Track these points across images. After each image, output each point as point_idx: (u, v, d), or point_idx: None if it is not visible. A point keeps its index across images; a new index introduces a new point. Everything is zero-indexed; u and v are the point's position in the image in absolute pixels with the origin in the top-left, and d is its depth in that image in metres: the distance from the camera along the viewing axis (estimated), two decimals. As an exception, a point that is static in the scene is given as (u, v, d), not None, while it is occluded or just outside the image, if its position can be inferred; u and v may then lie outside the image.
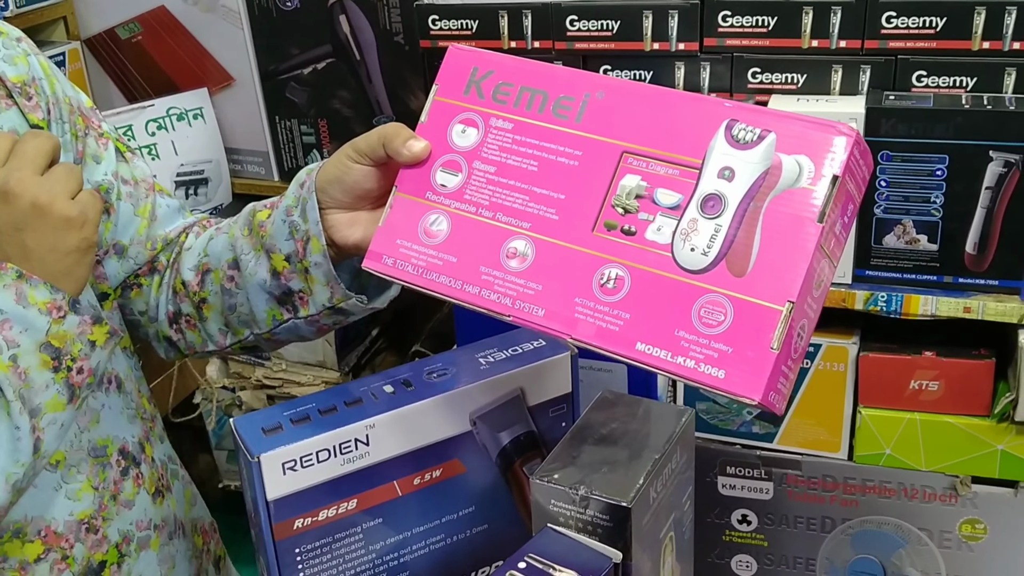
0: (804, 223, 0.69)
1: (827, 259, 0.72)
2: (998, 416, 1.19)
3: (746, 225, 0.71)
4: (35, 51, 0.93)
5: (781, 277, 0.69)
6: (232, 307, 0.96)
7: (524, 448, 0.97)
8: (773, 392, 0.69)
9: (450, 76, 0.85)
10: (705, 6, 1.21)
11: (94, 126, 0.96)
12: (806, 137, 0.71)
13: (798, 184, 0.70)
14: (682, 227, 0.73)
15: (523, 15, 1.27)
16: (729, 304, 0.70)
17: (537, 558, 0.77)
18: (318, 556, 0.90)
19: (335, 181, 0.87)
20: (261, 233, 0.92)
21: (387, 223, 0.84)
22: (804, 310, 0.70)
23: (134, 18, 1.66)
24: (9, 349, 0.75)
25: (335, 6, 1.51)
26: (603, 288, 0.75)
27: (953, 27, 1.13)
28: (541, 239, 0.78)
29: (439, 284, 0.81)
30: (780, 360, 0.69)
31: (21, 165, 0.78)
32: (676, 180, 0.75)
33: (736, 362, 0.69)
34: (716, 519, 1.35)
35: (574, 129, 0.79)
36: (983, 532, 1.25)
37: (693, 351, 0.70)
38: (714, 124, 0.74)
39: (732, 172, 0.73)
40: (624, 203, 0.76)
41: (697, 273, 0.72)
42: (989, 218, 1.12)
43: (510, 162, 0.81)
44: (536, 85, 0.82)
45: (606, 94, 0.79)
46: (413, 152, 0.84)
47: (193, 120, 1.65)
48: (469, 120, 0.84)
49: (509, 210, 0.80)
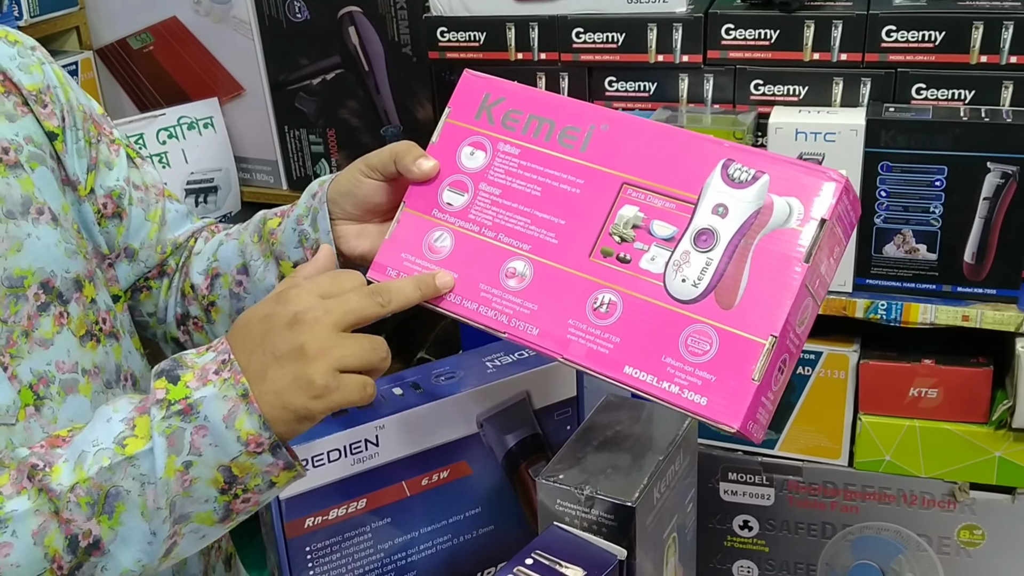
0: (791, 262, 0.72)
1: (811, 298, 0.74)
2: (996, 423, 1.21)
3: (736, 260, 0.74)
4: (49, 60, 0.95)
5: (766, 312, 0.72)
6: (240, 310, 0.98)
7: (530, 450, 0.99)
8: (752, 422, 0.72)
9: (463, 100, 0.88)
10: (709, 19, 1.23)
11: (106, 133, 0.98)
12: (798, 181, 0.74)
13: (788, 224, 0.73)
14: (675, 258, 0.76)
15: (530, 27, 1.30)
16: (715, 334, 0.73)
17: (544, 555, 0.79)
18: (328, 555, 0.91)
19: (346, 194, 0.90)
20: (271, 240, 0.94)
21: (393, 237, 0.87)
22: (787, 345, 0.73)
23: (146, 28, 1.68)
24: (189, 454, 0.71)
25: (344, 17, 1.53)
26: (596, 312, 0.77)
27: (952, 41, 1.16)
28: (540, 261, 0.81)
29: (439, 298, 0.83)
30: (760, 391, 0.71)
31: (331, 309, 0.73)
32: (672, 213, 0.77)
33: (718, 390, 0.72)
34: (718, 525, 1.37)
35: (578, 158, 0.82)
36: (981, 538, 1.27)
37: (678, 377, 0.73)
38: (711, 162, 0.77)
39: (726, 209, 0.75)
40: (621, 232, 0.78)
41: (686, 303, 0.74)
42: (987, 228, 1.14)
43: (515, 186, 0.84)
44: (544, 114, 0.85)
45: (611, 127, 0.82)
46: (423, 170, 0.86)
47: (203, 129, 1.67)
48: (478, 143, 0.86)
49: (511, 231, 0.83)
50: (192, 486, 0.72)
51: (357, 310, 0.75)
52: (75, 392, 0.87)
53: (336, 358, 0.72)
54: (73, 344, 0.87)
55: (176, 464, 0.71)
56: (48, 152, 0.91)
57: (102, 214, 0.96)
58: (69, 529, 0.72)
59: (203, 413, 0.71)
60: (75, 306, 0.88)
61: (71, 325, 0.87)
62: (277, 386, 0.72)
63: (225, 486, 0.73)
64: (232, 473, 0.72)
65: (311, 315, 0.73)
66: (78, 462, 0.72)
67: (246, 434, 0.71)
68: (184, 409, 0.72)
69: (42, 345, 0.85)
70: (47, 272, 0.86)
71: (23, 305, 0.83)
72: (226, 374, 0.72)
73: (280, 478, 0.74)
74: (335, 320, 0.73)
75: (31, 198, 0.86)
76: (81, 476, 0.72)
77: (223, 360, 0.73)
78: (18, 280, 0.83)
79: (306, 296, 0.74)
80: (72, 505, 0.72)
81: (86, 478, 0.72)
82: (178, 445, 0.71)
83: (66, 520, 0.72)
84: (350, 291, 0.76)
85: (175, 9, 1.63)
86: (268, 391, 0.72)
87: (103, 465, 0.72)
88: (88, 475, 0.72)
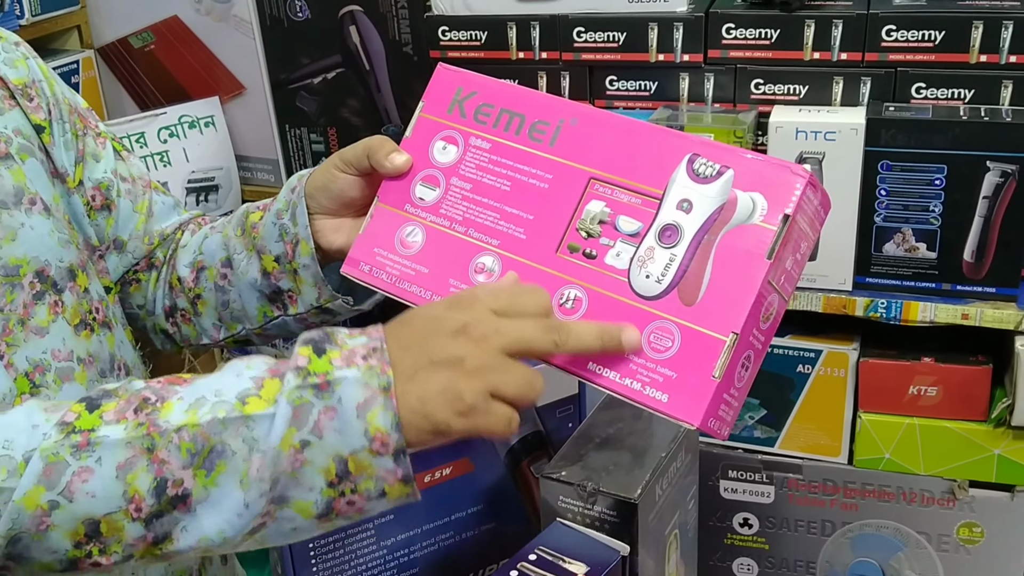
0: (753, 258, 0.72)
1: (777, 294, 0.74)
2: (995, 421, 1.21)
3: (699, 256, 0.74)
4: (33, 55, 0.97)
5: (728, 309, 0.72)
6: (225, 303, 0.99)
7: (532, 448, 1.00)
8: (713, 418, 0.72)
9: (436, 94, 0.89)
10: (709, 18, 1.24)
11: (91, 126, 1.00)
12: (762, 175, 0.74)
13: (751, 220, 0.73)
14: (639, 254, 0.76)
15: (531, 26, 1.30)
16: (677, 331, 0.73)
17: (547, 551, 0.79)
18: (331, 551, 0.92)
19: (322, 188, 0.91)
20: (253, 234, 0.95)
21: (367, 232, 0.88)
22: (750, 342, 0.73)
23: (147, 27, 1.68)
24: (310, 434, 0.67)
25: (345, 17, 1.54)
26: (562, 308, 0.78)
27: (951, 40, 1.16)
28: (508, 256, 0.81)
29: (410, 293, 0.84)
30: (722, 388, 0.71)
31: (503, 331, 0.69)
32: (638, 208, 0.78)
33: (679, 387, 0.72)
34: (718, 522, 1.37)
35: (547, 153, 0.82)
36: (980, 535, 1.27)
37: (640, 374, 0.73)
38: (677, 157, 0.77)
39: (690, 204, 0.75)
40: (588, 227, 0.79)
41: (650, 299, 0.75)
42: (986, 227, 1.15)
43: (485, 180, 0.84)
44: (515, 108, 0.85)
45: (579, 121, 0.82)
46: (395, 165, 0.87)
47: (204, 128, 1.68)
48: (450, 138, 0.87)
49: (480, 227, 0.83)
50: (302, 468, 0.67)
51: (530, 341, 0.70)
52: (71, 380, 0.87)
53: (493, 382, 0.68)
54: (68, 333, 0.88)
55: (294, 440, 0.67)
56: (36, 144, 0.92)
57: (91, 206, 0.97)
58: (161, 471, 0.67)
59: (338, 394, 0.67)
60: (69, 295, 0.88)
61: (66, 314, 0.88)
62: (423, 391, 0.68)
63: (335, 479, 0.68)
64: (347, 467, 0.67)
65: (480, 330, 0.69)
66: (193, 406, 0.69)
67: (375, 429, 0.67)
68: (321, 384, 0.67)
69: (38, 334, 0.85)
70: (41, 261, 0.86)
71: (19, 294, 0.84)
72: (374, 362, 0.68)
73: (394, 489, 0.69)
74: (504, 344, 0.69)
75: (23, 188, 0.87)
76: (192, 420, 0.68)
77: (374, 347, 0.69)
78: (13, 269, 0.84)
79: (481, 309, 0.70)
80: (172, 447, 0.67)
81: (196, 423, 0.68)
82: (302, 419, 0.67)
83: (160, 460, 0.67)
84: (528, 318, 0.71)
85: (176, 8, 1.64)
86: (412, 393, 0.68)
87: (218, 416, 0.68)
88: (199, 422, 0.68)
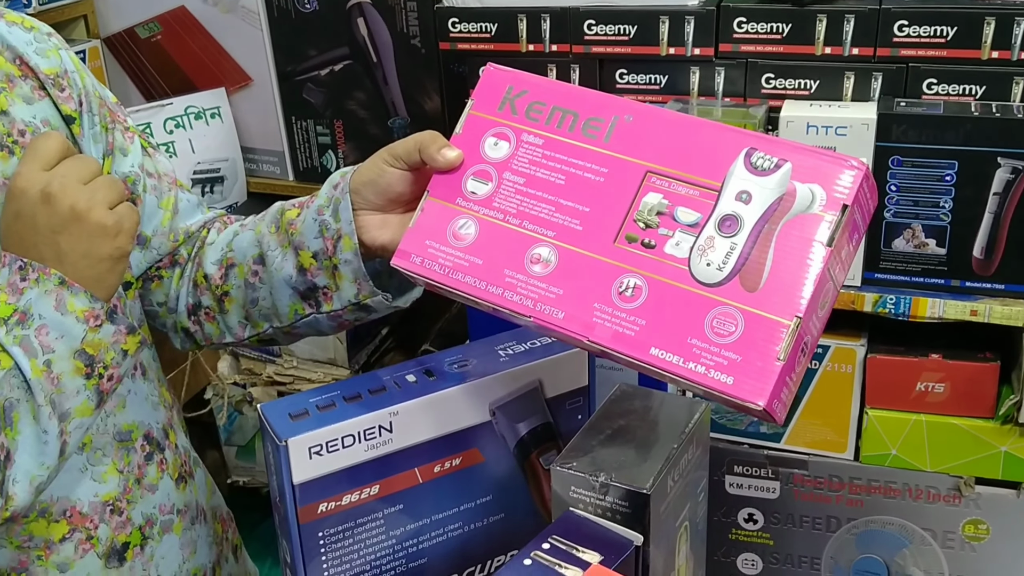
0: (814, 246, 0.74)
1: (832, 282, 0.76)
2: (1002, 418, 1.21)
3: (760, 245, 0.75)
4: (65, 46, 0.96)
5: (790, 294, 0.73)
6: (254, 301, 0.98)
7: (541, 439, 0.99)
8: (776, 400, 0.73)
9: (486, 93, 0.89)
10: (721, 12, 1.24)
11: (120, 120, 0.99)
12: (820, 168, 0.75)
13: (810, 210, 0.75)
14: (699, 243, 0.77)
15: (541, 19, 1.30)
16: (740, 316, 0.74)
17: (561, 540, 0.79)
18: (340, 540, 0.92)
19: (369, 183, 0.90)
20: (290, 231, 0.94)
21: (417, 225, 0.88)
22: (809, 327, 0.74)
23: (154, 18, 1.68)
24: (44, 354, 0.77)
25: (353, 8, 1.53)
26: (621, 296, 0.78)
27: (963, 37, 1.16)
28: (564, 247, 0.81)
29: (464, 284, 0.84)
30: (785, 371, 0.73)
31: (66, 172, 0.80)
32: (696, 200, 0.78)
33: (744, 370, 0.73)
34: (723, 518, 1.37)
35: (602, 148, 0.83)
36: (986, 533, 1.27)
37: (704, 358, 0.74)
38: (734, 151, 0.78)
39: (749, 195, 0.77)
40: (645, 218, 0.79)
41: (711, 286, 0.76)
42: (996, 223, 1.15)
43: (539, 175, 0.85)
44: (567, 106, 0.86)
45: (634, 118, 0.83)
46: (447, 159, 0.87)
47: (211, 119, 1.68)
48: (502, 134, 0.87)
49: (535, 219, 0.83)
50: (60, 382, 0.78)
51: (83, 166, 0.80)
52: None
53: (103, 199, 0.79)
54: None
55: (39, 365, 0.77)
56: (65, 135, 0.91)
57: None
58: None
59: (36, 313, 0.77)
60: None
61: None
62: (80, 250, 0.78)
63: (88, 370, 0.79)
64: (88, 354, 0.79)
65: (56, 184, 0.78)
66: None
67: (81, 312, 0.78)
68: (20, 319, 0.77)
69: None
70: None
71: None
72: (33, 275, 0.78)
73: (129, 344, 0.82)
74: (77, 177, 0.79)
75: None
76: None
77: (20, 266, 0.78)
78: None
79: (32, 175, 0.79)
80: None
81: None
82: (31, 349, 0.77)
83: None
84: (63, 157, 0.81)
85: (183, -2, 1.64)
86: (76, 262, 0.78)
87: None
88: None
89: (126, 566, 0.93)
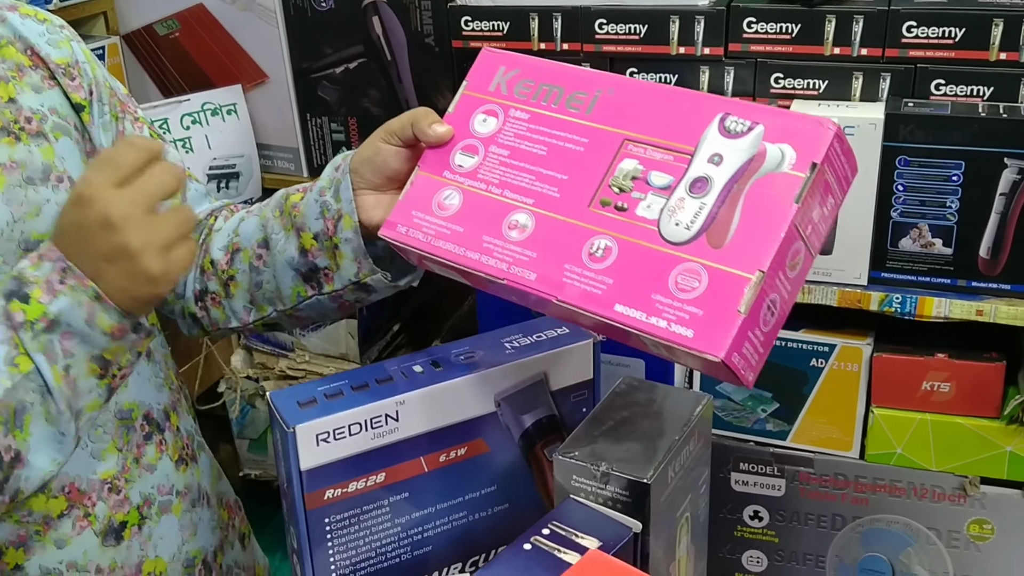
0: (781, 202, 0.75)
1: (803, 243, 0.77)
2: (1007, 418, 1.22)
3: (728, 204, 0.77)
4: (76, 38, 0.99)
5: (754, 248, 0.75)
6: (259, 284, 1.00)
7: (546, 431, 1.01)
8: (737, 354, 0.74)
9: (480, 74, 0.93)
10: (731, 12, 1.25)
11: (130, 111, 1.01)
12: (791, 129, 0.77)
13: (780, 169, 0.76)
14: (670, 205, 0.79)
15: (553, 18, 1.31)
16: (704, 272, 0.76)
17: (560, 526, 0.80)
18: (346, 527, 0.93)
19: (367, 160, 0.94)
20: (293, 214, 0.97)
21: (406, 197, 0.91)
22: (776, 284, 0.75)
23: (172, 15, 1.70)
24: (64, 359, 0.77)
25: (368, 7, 1.55)
26: (592, 256, 0.81)
27: (971, 38, 1.16)
28: (541, 213, 0.84)
29: (443, 250, 0.87)
30: (747, 325, 0.73)
31: (135, 198, 0.76)
32: (670, 164, 0.81)
33: (705, 323, 0.74)
34: (728, 515, 1.38)
35: (584, 120, 0.86)
36: (990, 532, 1.28)
37: (666, 312, 0.76)
38: (709, 116, 0.81)
39: (721, 158, 0.79)
40: (620, 183, 0.82)
41: (679, 245, 0.78)
42: (1003, 223, 1.15)
43: (522, 147, 0.88)
44: (554, 82, 0.89)
45: (615, 91, 0.86)
46: (437, 133, 0.91)
47: (227, 116, 1.69)
48: (491, 111, 0.91)
49: (516, 188, 0.87)
50: (76, 384, 0.78)
51: (157, 189, 0.78)
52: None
53: (160, 245, 0.77)
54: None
55: (59, 371, 0.77)
56: (74, 124, 0.93)
57: None
58: None
59: (64, 322, 0.77)
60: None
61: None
62: (119, 284, 0.77)
63: (102, 372, 0.79)
64: (105, 359, 0.79)
65: (119, 212, 0.75)
66: None
67: (109, 327, 0.78)
68: (47, 326, 0.77)
69: None
70: None
71: None
72: (71, 281, 0.77)
73: (143, 346, 0.82)
74: (144, 209, 0.76)
75: (51, 166, 0.89)
76: None
77: (63, 268, 0.77)
78: (35, 244, 0.86)
79: (101, 191, 0.76)
80: None
81: None
82: (53, 355, 0.77)
83: None
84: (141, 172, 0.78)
85: (201, -4, 1.66)
86: (113, 288, 0.77)
87: (6, 387, 0.76)
88: None
89: (123, 545, 0.95)
